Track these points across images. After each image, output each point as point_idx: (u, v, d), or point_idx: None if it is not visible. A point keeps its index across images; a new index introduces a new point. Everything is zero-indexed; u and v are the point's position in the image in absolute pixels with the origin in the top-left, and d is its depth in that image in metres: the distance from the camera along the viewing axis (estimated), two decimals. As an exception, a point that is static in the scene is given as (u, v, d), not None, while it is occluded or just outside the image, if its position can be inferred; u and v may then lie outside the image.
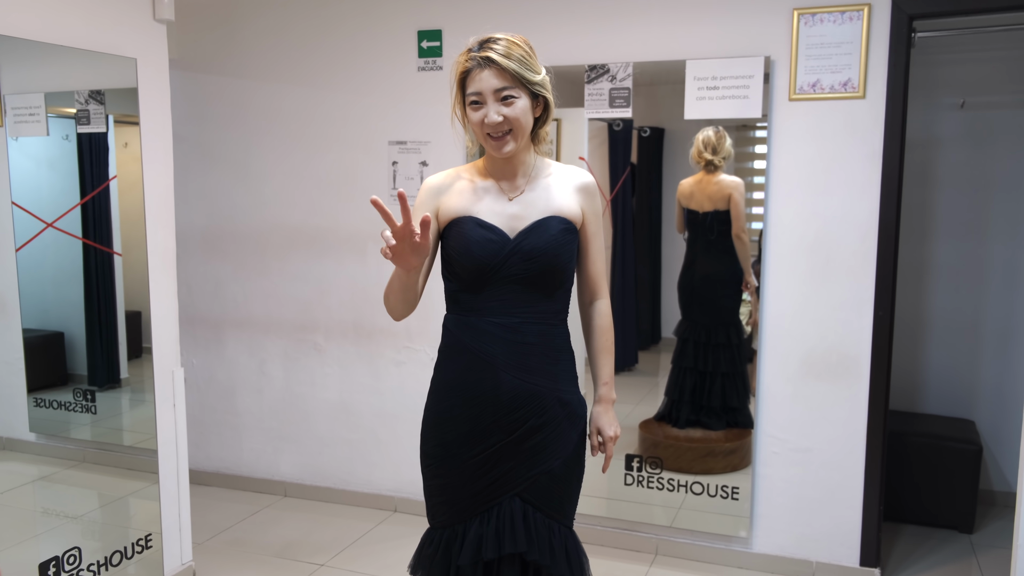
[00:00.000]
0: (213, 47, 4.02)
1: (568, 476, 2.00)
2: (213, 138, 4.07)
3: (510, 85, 1.85)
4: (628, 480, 3.57)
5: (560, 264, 1.93)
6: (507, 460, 1.95)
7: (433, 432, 2.00)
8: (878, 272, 3.09)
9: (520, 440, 1.94)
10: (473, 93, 1.87)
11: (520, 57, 1.86)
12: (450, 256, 1.95)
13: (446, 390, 1.99)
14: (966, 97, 3.88)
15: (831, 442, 3.22)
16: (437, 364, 2.03)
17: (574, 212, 1.97)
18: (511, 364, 1.92)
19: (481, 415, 1.94)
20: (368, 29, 3.73)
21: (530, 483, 1.96)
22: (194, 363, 4.22)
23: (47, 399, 3.01)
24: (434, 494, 2.02)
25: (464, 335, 1.95)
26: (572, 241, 1.97)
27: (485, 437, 1.94)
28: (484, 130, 1.88)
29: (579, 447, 2.03)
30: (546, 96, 1.93)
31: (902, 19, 2.95)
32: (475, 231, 1.91)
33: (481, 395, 1.93)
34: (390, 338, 3.84)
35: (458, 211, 1.94)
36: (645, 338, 3.96)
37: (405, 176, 3.73)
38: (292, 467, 4.11)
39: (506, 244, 1.90)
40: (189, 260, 4.14)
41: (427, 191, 2.00)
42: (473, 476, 1.95)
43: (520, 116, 1.87)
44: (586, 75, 3.38)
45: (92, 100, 2.92)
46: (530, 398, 1.94)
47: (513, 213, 1.94)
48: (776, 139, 3.17)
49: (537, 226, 1.92)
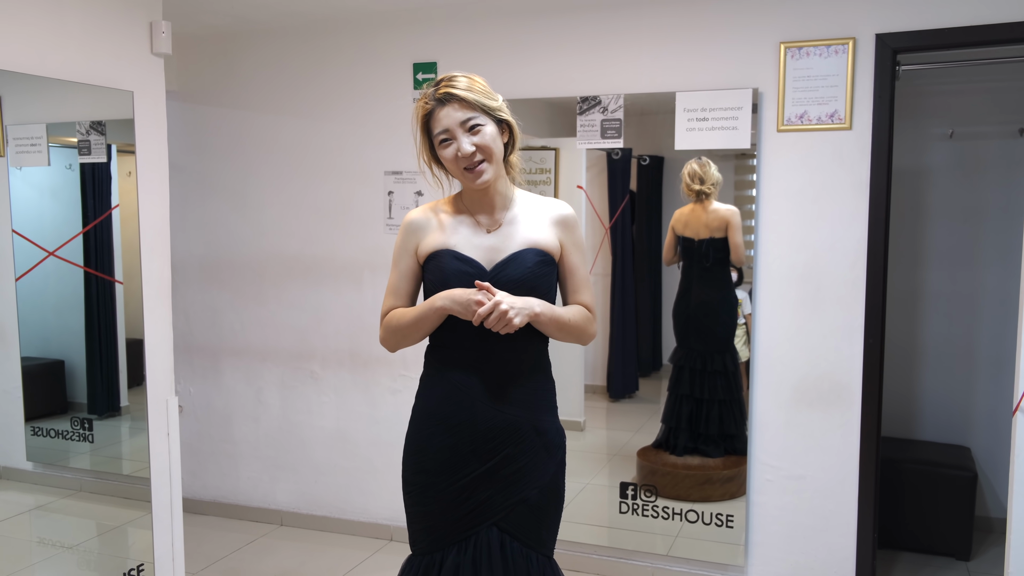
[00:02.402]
0: (212, 79, 4.08)
1: (545, 505, 2.02)
2: (212, 168, 4.11)
3: (474, 114, 1.91)
4: (623, 508, 3.57)
5: (538, 295, 1.95)
6: (484, 488, 1.97)
7: (413, 460, 2.03)
8: (867, 300, 3.11)
9: (496, 468, 1.96)
10: (441, 132, 1.92)
11: (480, 89, 1.93)
12: (429, 290, 2.00)
13: (426, 418, 2.02)
14: (955, 127, 3.92)
15: (825, 470, 3.22)
16: (418, 393, 2.07)
17: (551, 244, 2.00)
18: (488, 393, 1.96)
19: (459, 444, 1.96)
20: (364, 61, 3.79)
21: (507, 512, 1.98)
22: (191, 391, 4.24)
23: (45, 428, 3.01)
24: (415, 521, 2.05)
25: (443, 365, 1.99)
26: (550, 273, 2.00)
27: (463, 465, 1.96)
28: (460, 164, 1.92)
29: (557, 476, 2.05)
30: (508, 120, 1.98)
31: (886, 53, 3.00)
32: (452, 264, 1.95)
33: (459, 424, 1.96)
34: (386, 366, 3.86)
35: (436, 245, 1.99)
36: (646, 365, 3.97)
37: (400, 206, 3.77)
38: (288, 496, 4.11)
39: (483, 276, 1.94)
40: (187, 289, 4.17)
41: (406, 228, 2.04)
42: (452, 504, 1.97)
43: (490, 143, 1.92)
44: (578, 107, 3.43)
45: (93, 131, 2.96)
46: (507, 427, 1.96)
47: (490, 245, 1.98)
48: (765, 170, 3.21)
49: (514, 258, 1.95)
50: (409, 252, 2.04)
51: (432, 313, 1.93)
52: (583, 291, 2.07)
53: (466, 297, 1.86)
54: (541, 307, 1.92)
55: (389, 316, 2.04)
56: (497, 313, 1.82)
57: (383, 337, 2.07)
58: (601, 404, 3.93)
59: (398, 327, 2.01)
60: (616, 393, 3.94)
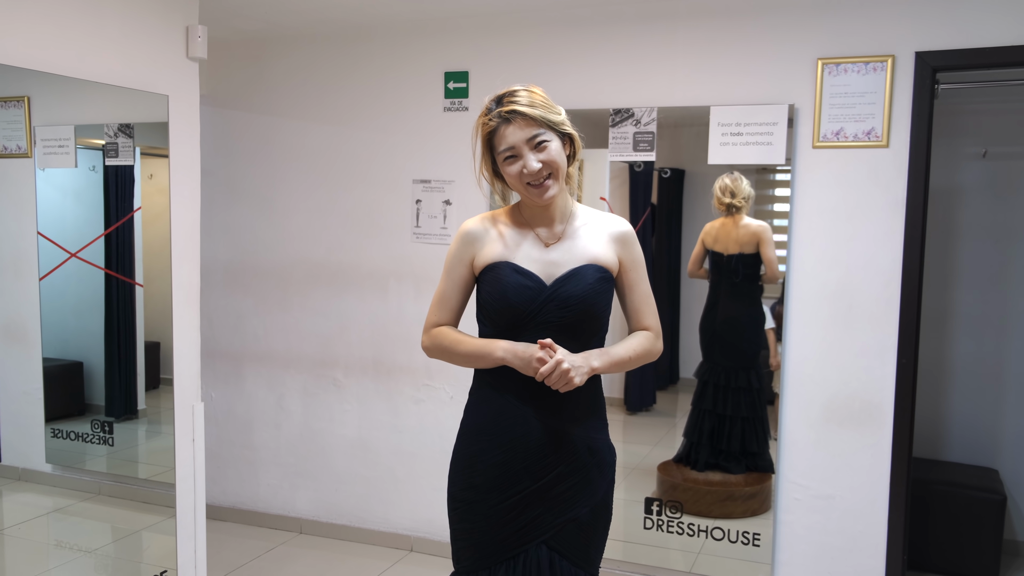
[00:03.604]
0: (242, 84, 4.08)
1: (595, 524, 2.00)
2: (239, 173, 4.11)
3: (540, 131, 1.89)
4: (647, 524, 3.54)
5: (596, 312, 1.93)
6: (535, 506, 1.94)
7: (462, 475, 2.00)
8: (901, 319, 3.08)
9: (549, 486, 1.94)
10: (507, 149, 1.90)
11: (541, 102, 1.91)
12: (485, 301, 1.97)
13: (477, 433, 1.99)
14: (988, 147, 3.89)
15: (854, 489, 3.19)
16: (468, 407, 2.04)
17: (610, 260, 1.98)
18: (542, 410, 1.93)
19: (511, 460, 1.94)
20: (395, 69, 3.79)
21: (557, 530, 1.95)
22: (213, 397, 4.22)
23: (64, 430, 3.01)
24: (460, 538, 2.01)
25: (497, 380, 1.96)
26: (608, 290, 1.97)
27: (514, 482, 1.94)
28: (524, 180, 1.90)
29: (607, 495, 2.03)
30: (571, 133, 1.96)
31: (926, 71, 2.98)
32: (511, 277, 1.92)
33: (511, 440, 1.93)
34: (410, 375, 3.84)
35: (494, 256, 1.96)
36: (663, 379, 3.95)
37: (428, 214, 3.76)
38: (308, 504, 4.09)
39: (542, 290, 1.91)
40: (211, 294, 4.16)
41: (463, 238, 2.02)
42: (501, 522, 1.95)
43: (557, 158, 1.90)
44: (611, 119, 3.41)
45: (121, 133, 2.96)
46: (560, 444, 1.94)
47: (551, 260, 1.95)
48: (799, 186, 3.19)
49: (574, 274, 1.93)
50: (464, 262, 2.01)
51: (490, 358, 1.91)
52: (645, 311, 2.04)
53: (528, 354, 1.85)
54: (600, 361, 1.91)
55: (441, 333, 2.01)
56: (559, 372, 1.81)
57: (427, 347, 2.05)
58: (618, 417, 3.90)
59: (449, 350, 1.99)
60: (633, 406, 3.92)
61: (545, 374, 1.81)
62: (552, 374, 1.81)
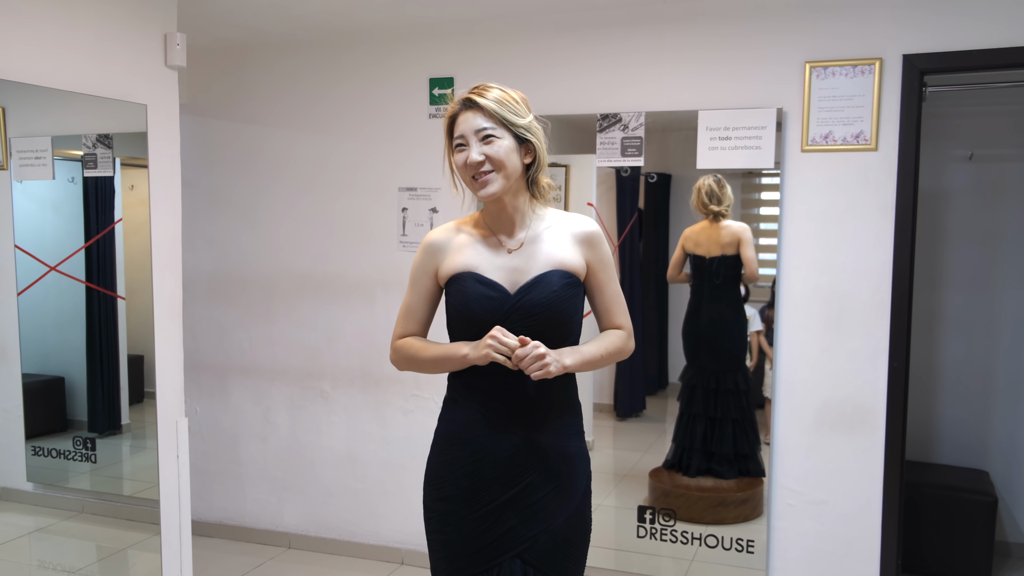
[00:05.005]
0: (225, 93, 4.03)
1: (570, 536, 1.95)
2: (222, 183, 4.06)
3: (492, 126, 1.86)
4: (640, 532, 3.51)
5: (563, 318, 1.89)
6: (508, 518, 1.91)
7: (434, 486, 1.97)
8: (892, 323, 3.07)
9: (521, 496, 1.91)
10: (458, 137, 1.89)
11: (504, 100, 1.88)
12: (451, 313, 1.94)
13: (448, 443, 1.96)
14: (975, 149, 3.89)
15: (847, 494, 3.17)
16: (440, 417, 2.01)
17: (577, 264, 1.94)
18: (513, 419, 1.90)
19: (482, 470, 1.91)
20: (380, 76, 3.75)
21: (531, 543, 1.92)
22: (198, 410, 4.16)
23: (46, 447, 2.97)
24: (435, 549, 1.99)
25: (468, 389, 1.94)
26: (576, 295, 1.93)
27: (485, 493, 1.91)
28: (468, 172, 1.88)
29: (583, 505, 1.99)
30: (531, 140, 1.90)
31: (914, 74, 2.97)
32: (474, 287, 1.89)
33: (482, 449, 1.91)
34: (398, 386, 3.79)
35: (458, 267, 1.93)
36: (652, 383, 3.94)
37: (415, 222, 3.72)
38: (297, 518, 4.03)
39: (507, 300, 1.88)
40: (195, 306, 4.10)
41: (426, 249, 1.99)
42: (473, 533, 1.91)
43: (502, 156, 1.86)
44: (598, 124, 3.39)
45: (100, 144, 2.92)
46: (531, 453, 1.91)
47: (513, 266, 1.92)
48: (788, 190, 3.17)
49: (539, 280, 1.89)
50: (429, 274, 1.98)
51: (455, 358, 1.89)
52: (615, 310, 2.01)
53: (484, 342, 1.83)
54: (572, 359, 1.87)
55: (405, 344, 2.00)
56: (534, 355, 1.77)
57: (395, 360, 2.03)
58: (608, 423, 3.88)
59: (415, 360, 1.97)
60: (623, 412, 3.90)
61: (520, 357, 1.78)
62: (526, 358, 1.78)
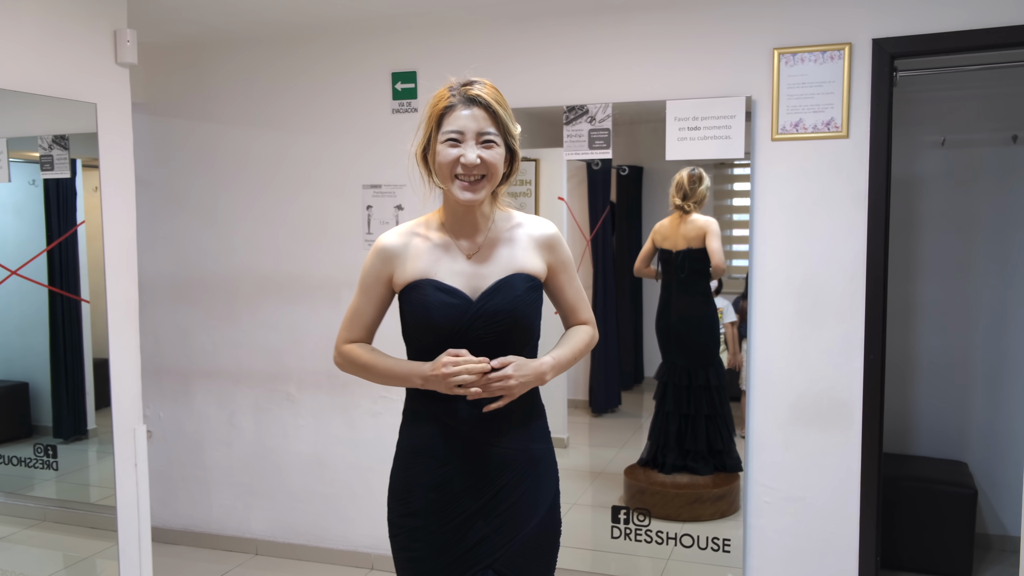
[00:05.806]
0: (181, 90, 3.93)
1: (542, 541, 1.90)
2: (181, 183, 3.96)
3: (496, 132, 1.79)
4: (615, 532, 3.44)
5: (526, 323, 1.84)
6: (479, 528, 1.84)
7: (400, 501, 1.89)
8: (867, 314, 3.02)
9: (491, 504, 1.84)
10: (454, 131, 1.78)
11: (505, 106, 1.82)
12: (409, 322, 1.85)
13: (412, 455, 1.88)
14: (947, 135, 3.85)
15: (824, 490, 3.12)
16: (402, 429, 1.93)
17: (538, 268, 1.89)
18: (479, 427, 1.83)
19: (449, 481, 1.83)
20: (340, 71, 3.66)
21: (503, 553, 1.85)
22: (161, 416, 4.06)
23: (6, 455, 2.93)
24: (403, 567, 1.91)
25: (428, 399, 1.85)
26: (537, 299, 1.88)
27: (454, 504, 1.84)
28: (454, 170, 1.78)
29: (553, 509, 1.94)
30: (517, 151, 1.86)
31: (884, 58, 2.91)
32: (435, 295, 1.80)
33: (448, 460, 1.83)
34: (366, 388, 3.71)
35: (415, 274, 1.84)
36: (627, 379, 3.89)
37: (380, 220, 3.63)
38: (264, 524, 3.95)
39: (469, 307, 1.80)
40: (156, 308, 4.00)
41: (380, 255, 1.89)
42: (444, 546, 1.84)
43: (497, 163, 1.80)
44: (564, 116, 3.31)
45: (56, 145, 2.86)
46: (499, 460, 1.84)
47: (476, 272, 1.84)
48: (759, 180, 3.11)
49: (501, 285, 1.82)
50: (382, 281, 1.89)
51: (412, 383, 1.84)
52: (579, 307, 1.99)
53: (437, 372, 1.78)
54: (552, 373, 1.86)
55: (353, 351, 1.91)
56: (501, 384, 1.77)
57: (340, 364, 1.95)
58: (583, 419, 3.83)
59: (364, 370, 1.89)
60: (598, 408, 3.85)
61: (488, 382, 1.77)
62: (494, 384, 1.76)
